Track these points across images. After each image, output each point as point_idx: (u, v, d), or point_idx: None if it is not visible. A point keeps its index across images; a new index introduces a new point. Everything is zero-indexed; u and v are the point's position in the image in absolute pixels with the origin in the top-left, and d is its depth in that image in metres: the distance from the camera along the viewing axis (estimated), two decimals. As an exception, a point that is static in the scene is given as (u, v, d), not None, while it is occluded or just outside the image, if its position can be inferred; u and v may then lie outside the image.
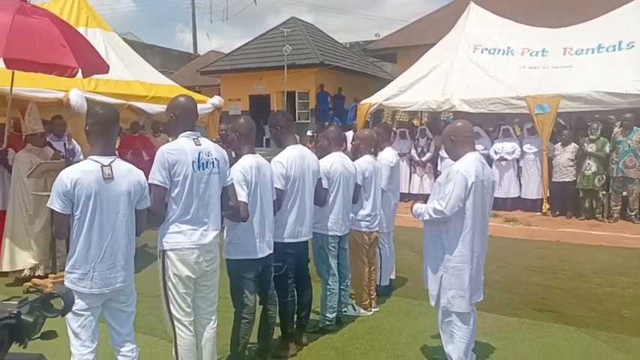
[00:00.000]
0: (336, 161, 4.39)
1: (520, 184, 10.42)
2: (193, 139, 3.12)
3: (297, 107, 19.81)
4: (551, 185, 9.87)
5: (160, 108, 8.70)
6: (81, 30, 8.82)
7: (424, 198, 10.98)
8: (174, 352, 3.16)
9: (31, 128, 6.17)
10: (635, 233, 8.30)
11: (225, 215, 3.39)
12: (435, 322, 3.86)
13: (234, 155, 3.77)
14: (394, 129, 12.21)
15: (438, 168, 11.09)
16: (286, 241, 3.91)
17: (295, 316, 4.16)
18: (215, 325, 3.30)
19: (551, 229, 8.78)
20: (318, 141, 5.91)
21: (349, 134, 11.69)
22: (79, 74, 5.68)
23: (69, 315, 2.68)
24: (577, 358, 3.99)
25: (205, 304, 3.25)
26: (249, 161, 3.47)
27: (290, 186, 3.87)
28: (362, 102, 12.13)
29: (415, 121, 15.07)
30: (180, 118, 3.16)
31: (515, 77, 10.49)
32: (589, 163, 9.31)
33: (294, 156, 3.91)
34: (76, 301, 2.68)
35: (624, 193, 9.17)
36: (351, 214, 4.77)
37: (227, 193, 3.27)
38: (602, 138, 9.35)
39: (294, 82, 18.79)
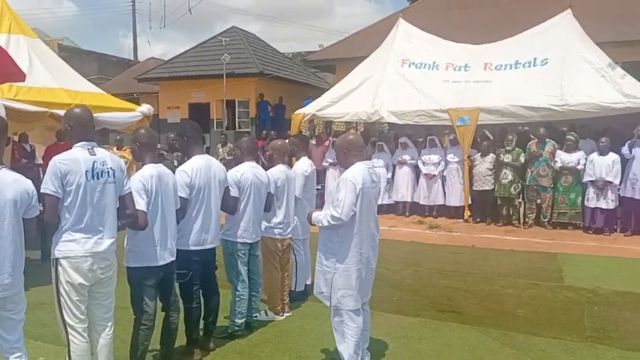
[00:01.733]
0: (247, 170, 4.56)
1: (444, 192, 10.89)
2: (88, 149, 3.20)
3: (237, 116, 19.84)
4: (472, 193, 10.38)
5: (85, 116, 8.62)
6: (3, 37, 8.68)
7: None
8: (67, 358, 3.21)
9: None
10: (545, 238, 8.85)
11: (124, 223, 3.48)
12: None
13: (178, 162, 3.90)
14: (330, 138, 12.53)
15: (368, 177, 11.43)
16: (191, 248, 4.03)
17: (203, 322, 4.28)
18: (111, 331, 3.38)
19: (470, 234, 9.23)
20: (265, 151, 6.10)
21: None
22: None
23: None
24: (467, 354, 4.28)
25: (101, 312, 3.33)
26: (149, 170, 3.57)
27: (195, 195, 3.99)
28: (296, 112, 12.35)
29: (351, 131, 15.44)
30: (75, 129, 3.24)
31: (439, 91, 10.97)
32: (505, 173, 9.85)
33: (199, 165, 4.04)
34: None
35: (538, 201, 9.76)
36: (265, 222, 4.95)
37: (125, 201, 3.36)
38: (517, 149, 9.92)
39: (233, 90, 18.83)
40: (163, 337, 3.86)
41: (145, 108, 9.93)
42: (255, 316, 4.82)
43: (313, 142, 12.62)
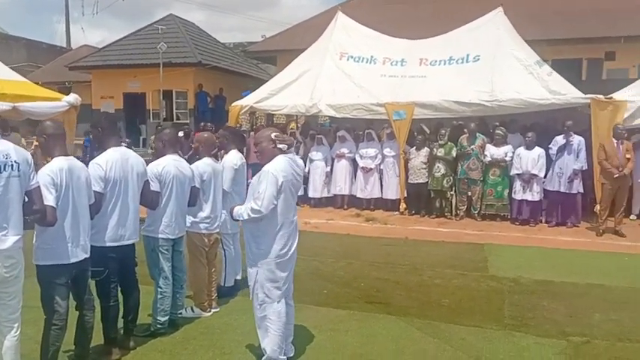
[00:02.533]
0: (168, 164, 4.43)
1: (381, 186, 11.04)
2: (-11, 141, 3.01)
3: (174, 107, 19.36)
4: (408, 186, 10.58)
5: (4, 105, 8.20)
6: None
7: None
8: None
9: None
10: (475, 229, 9.15)
11: (32, 220, 3.30)
12: None
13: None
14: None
15: (306, 169, 11.45)
16: (108, 244, 3.88)
17: (122, 320, 4.15)
18: (17, 332, 3.21)
19: (404, 227, 9.41)
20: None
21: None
22: None
23: None
24: (390, 344, 4.36)
25: (6, 312, 3.15)
26: (59, 164, 3.40)
27: (110, 188, 3.85)
28: (233, 104, 12.17)
29: (292, 124, 15.41)
30: (-25, 120, 3.04)
31: (376, 85, 11.10)
32: (438, 166, 10.09)
33: (114, 158, 3.89)
34: None
35: (469, 194, 10.06)
36: (190, 217, 4.83)
37: (32, 196, 3.19)
38: (449, 143, 10.17)
39: (171, 80, 18.36)
40: (78, 337, 3.70)
41: (72, 98, 9.53)
42: (180, 313, 4.71)
43: (253, 134, 12.48)
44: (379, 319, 4.88)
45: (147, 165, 4.31)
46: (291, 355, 3.97)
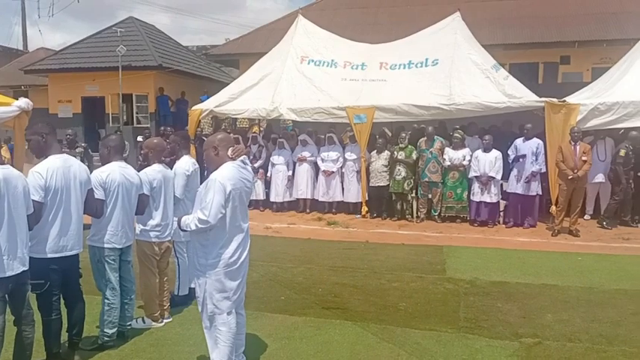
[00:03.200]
0: (114, 171, 4.29)
1: (343, 189, 11.03)
2: None
3: (134, 110, 18.96)
4: (369, 189, 10.61)
5: (-51, 110, 7.82)
6: None
7: (257, 203, 11.24)
8: None
9: None
10: (435, 231, 9.22)
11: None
12: None
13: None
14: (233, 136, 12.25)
15: (268, 174, 11.37)
16: (49, 256, 3.74)
17: (67, 334, 3.99)
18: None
19: (366, 230, 9.42)
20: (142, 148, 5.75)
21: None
22: None
23: None
24: (346, 350, 4.32)
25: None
26: (-8, 173, 3.25)
27: (51, 198, 3.70)
28: (193, 108, 12.00)
29: (255, 128, 15.28)
30: None
31: (337, 88, 11.11)
32: (399, 169, 10.15)
33: (55, 166, 3.75)
34: None
35: (429, 196, 10.15)
36: (140, 225, 4.70)
37: (-40, 208, 3.03)
38: (410, 146, 10.24)
39: (131, 84, 17.96)
40: (17, 354, 3.53)
41: (23, 102, 9.13)
42: (130, 325, 4.56)
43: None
44: (335, 325, 4.84)
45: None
46: (243, 365, 3.88)
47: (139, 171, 4.62)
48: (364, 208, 10.56)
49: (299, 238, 8.79)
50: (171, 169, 5.13)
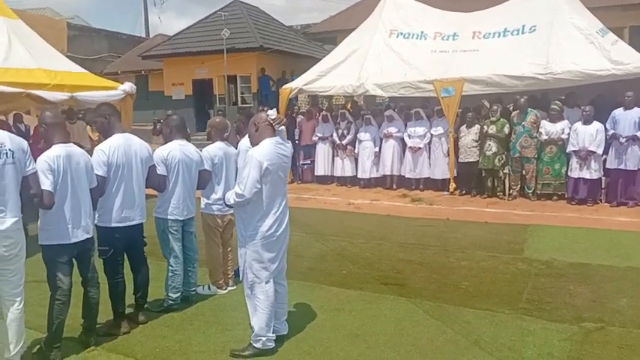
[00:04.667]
0: (174, 148, 4.62)
1: (430, 165, 10.79)
2: (-14, 131, 3.30)
3: (239, 91, 19.88)
4: (458, 166, 10.28)
5: (62, 95, 8.77)
6: (-18, 18, 8.83)
7: (345, 180, 11.37)
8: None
9: None
10: (525, 210, 8.75)
11: (36, 204, 3.60)
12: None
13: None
14: (322, 112, 12.47)
15: (356, 150, 11.42)
16: (113, 225, 4.13)
17: (134, 296, 4.42)
18: (20, 306, 3.52)
19: (450, 207, 9.18)
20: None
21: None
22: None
23: None
24: (390, 325, 4.32)
25: (8, 287, 3.46)
26: (56, 151, 3.66)
27: (113, 173, 4.08)
28: (283, 87, 12.33)
29: (348, 105, 15.34)
30: (-28, 112, 3.34)
31: (426, 61, 10.81)
32: (490, 144, 9.70)
33: (117, 144, 4.12)
34: None
35: (523, 172, 9.62)
36: (204, 199, 5.03)
37: (28, 182, 3.47)
38: (501, 119, 9.73)
39: (235, 66, 18.82)
40: (85, 312, 3.99)
41: (127, 86, 10.03)
42: (194, 290, 4.93)
43: (303, 116, 12.62)
44: (388, 301, 4.85)
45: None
46: (284, 333, 4.05)
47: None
48: (452, 185, 10.27)
49: (378, 214, 8.80)
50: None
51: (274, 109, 3.90)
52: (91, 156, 4.02)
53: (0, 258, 3.36)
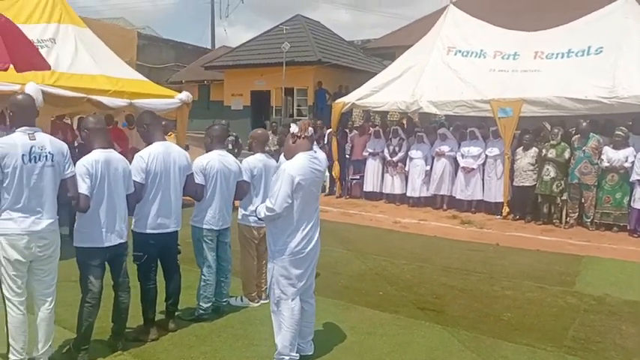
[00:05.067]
0: (213, 158, 4.64)
1: (483, 187, 10.43)
2: (29, 133, 3.41)
3: (295, 103, 20.08)
4: (513, 189, 9.89)
5: (122, 102, 9.10)
6: (53, 26, 9.32)
7: (394, 197, 11.17)
8: (5, 329, 3.46)
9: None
10: (582, 240, 8.28)
11: (74, 206, 3.69)
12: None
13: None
14: (372, 128, 12.36)
15: (406, 168, 11.21)
16: (148, 231, 4.18)
17: (165, 303, 4.45)
18: (51, 306, 3.59)
19: (501, 232, 8.81)
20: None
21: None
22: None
23: None
24: (422, 354, 4.13)
25: (41, 287, 3.55)
26: (95, 156, 3.74)
27: (151, 180, 4.13)
28: (336, 101, 12.30)
29: (403, 122, 15.14)
30: (17, 115, 3.46)
31: (483, 80, 10.50)
32: (548, 169, 9.27)
33: (157, 151, 4.17)
34: None
35: (581, 200, 9.12)
36: (241, 210, 5.02)
37: (66, 184, 3.56)
38: (562, 143, 9.29)
39: (293, 78, 19.05)
40: (114, 316, 4.04)
41: (184, 95, 10.30)
42: (226, 301, 4.91)
43: (355, 131, 12.54)
44: (422, 327, 4.65)
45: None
46: (310, 353, 3.95)
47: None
48: (505, 209, 9.88)
49: (424, 235, 8.56)
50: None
51: (295, 124, 3.82)
52: None
53: (34, 258, 3.45)
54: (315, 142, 3.90)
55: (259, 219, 3.95)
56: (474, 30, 11.64)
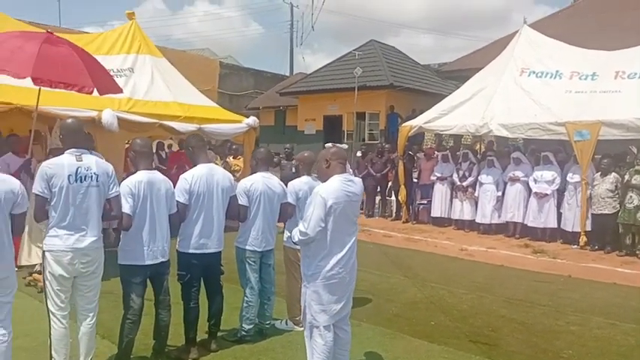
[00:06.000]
0: (257, 180, 4.69)
1: (559, 214, 9.82)
2: (76, 155, 3.61)
3: (366, 128, 20.05)
4: (592, 217, 9.23)
5: (191, 127, 9.46)
6: (132, 56, 9.95)
7: (462, 224, 10.76)
8: (49, 341, 3.63)
9: (56, 143, 7.08)
10: (669, 274, 7.54)
11: (117, 225, 3.85)
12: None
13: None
14: (442, 152, 12.06)
15: (476, 194, 10.80)
16: (191, 251, 4.26)
17: (207, 323, 4.50)
18: (92, 321, 3.73)
19: (576, 263, 8.22)
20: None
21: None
22: (97, 93, 6.40)
23: None
24: (466, 391, 3.88)
25: (83, 302, 3.70)
26: (139, 177, 3.89)
27: (194, 201, 4.22)
28: (403, 125, 12.15)
29: (476, 146, 14.68)
30: (66, 137, 3.68)
31: (559, 102, 10.03)
32: (631, 196, 8.60)
33: (200, 173, 4.27)
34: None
35: (669, 230, 8.35)
36: (287, 232, 5.02)
37: (110, 204, 3.72)
38: (647, 169, 8.59)
39: (365, 103, 19.04)
40: (155, 333, 4.13)
41: (251, 120, 10.59)
42: (269, 323, 4.89)
43: (422, 155, 12.30)
44: (469, 361, 4.39)
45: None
46: (344, 382, 3.82)
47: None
48: (582, 238, 9.22)
49: (491, 263, 8.15)
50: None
51: (330, 144, 3.77)
52: None
53: (78, 274, 3.61)
54: (348, 166, 3.83)
55: (294, 242, 3.91)
56: (550, 50, 11.15)
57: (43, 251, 3.59)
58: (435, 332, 5.08)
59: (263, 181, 4.70)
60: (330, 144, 3.81)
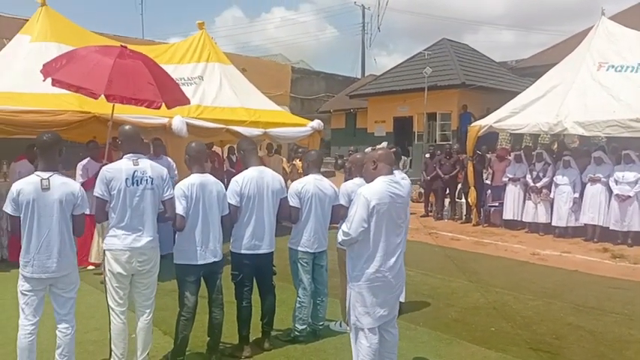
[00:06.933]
0: (309, 182, 4.73)
1: (643, 217, 9.16)
2: (133, 160, 3.82)
3: (438, 128, 19.65)
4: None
5: (257, 131, 9.71)
6: (201, 65, 10.36)
7: (537, 227, 10.30)
8: (109, 336, 3.86)
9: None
10: None
11: (172, 226, 4.03)
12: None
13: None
14: (515, 152, 11.62)
15: (551, 195, 10.30)
16: (243, 252, 4.38)
17: (261, 322, 4.60)
18: (149, 317, 3.92)
19: (660, 269, 7.64)
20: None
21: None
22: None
23: (18, 294, 3.55)
24: (520, 401, 3.72)
25: (141, 299, 3.91)
26: (192, 179, 4.05)
27: (245, 202, 4.34)
28: (472, 124, 11.80)
29: (554, 145, 13.99)
30: (124, 143, 3.90)
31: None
32: None
33: (251, 176, 4.38)
34: (22, 282, 3.54)
35: None
36: (340, 234, 5.03)
37: (165, 206, 3.90)
38: None
39: (436, 103, 18.71)
40: (209, 331, 4.28)
41: (316, 123, 10.68)
42: (322, 324, 4.91)
43: (494, 156, 11.87)
44: (528, 370, 4.19)
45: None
46: (391, 385, 3.77)
47: None
48: (670, 243, 8.56)
49: (564, 269, 7.74)
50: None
51: (369, 148, 3.73)
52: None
53: (135, 272, 3.82)
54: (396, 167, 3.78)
55: (339, 243, 3.91)
56: (630, 42, 10.44)
57: (104, 250, 3.83)
58: (494, 339, 4.91)
59: (314, 183, 4.74)
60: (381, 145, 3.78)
